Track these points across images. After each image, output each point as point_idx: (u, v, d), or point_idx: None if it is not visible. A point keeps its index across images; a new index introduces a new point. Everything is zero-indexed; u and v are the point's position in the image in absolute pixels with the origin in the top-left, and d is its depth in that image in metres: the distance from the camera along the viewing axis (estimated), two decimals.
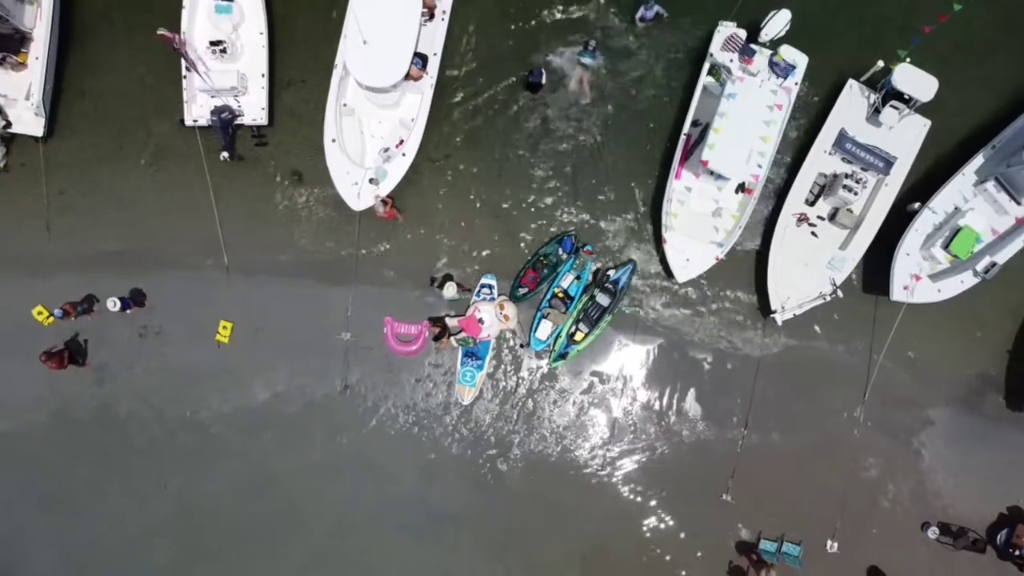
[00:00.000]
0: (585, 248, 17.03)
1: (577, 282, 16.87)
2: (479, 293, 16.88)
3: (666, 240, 16.33)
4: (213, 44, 16.50)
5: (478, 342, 16.46)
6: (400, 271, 17.23)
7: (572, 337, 16.73)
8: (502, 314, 16.42)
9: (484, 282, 16.92)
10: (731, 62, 16.34)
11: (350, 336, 16.87)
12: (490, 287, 16.90)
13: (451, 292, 16.41)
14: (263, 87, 16.88)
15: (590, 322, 16.67)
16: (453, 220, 17.36)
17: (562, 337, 16.73)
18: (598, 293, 16.69)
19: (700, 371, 17.22)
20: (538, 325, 16.80)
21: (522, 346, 17.10)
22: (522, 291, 16.84)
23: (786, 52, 16.28)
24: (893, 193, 16.51)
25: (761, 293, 16.78)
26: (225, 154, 16.74)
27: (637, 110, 17.62)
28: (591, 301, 16.70)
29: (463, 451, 16.99)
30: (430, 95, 16.67)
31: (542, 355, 17.09)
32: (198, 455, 16.92)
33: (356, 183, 16.10)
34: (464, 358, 16.78)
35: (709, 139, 15.77)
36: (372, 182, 16.06)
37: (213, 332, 16.81)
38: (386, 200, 16.21)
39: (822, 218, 16.74)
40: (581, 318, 16.68)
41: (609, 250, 17.40)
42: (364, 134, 16.97)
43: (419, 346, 16.67)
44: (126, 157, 17.41)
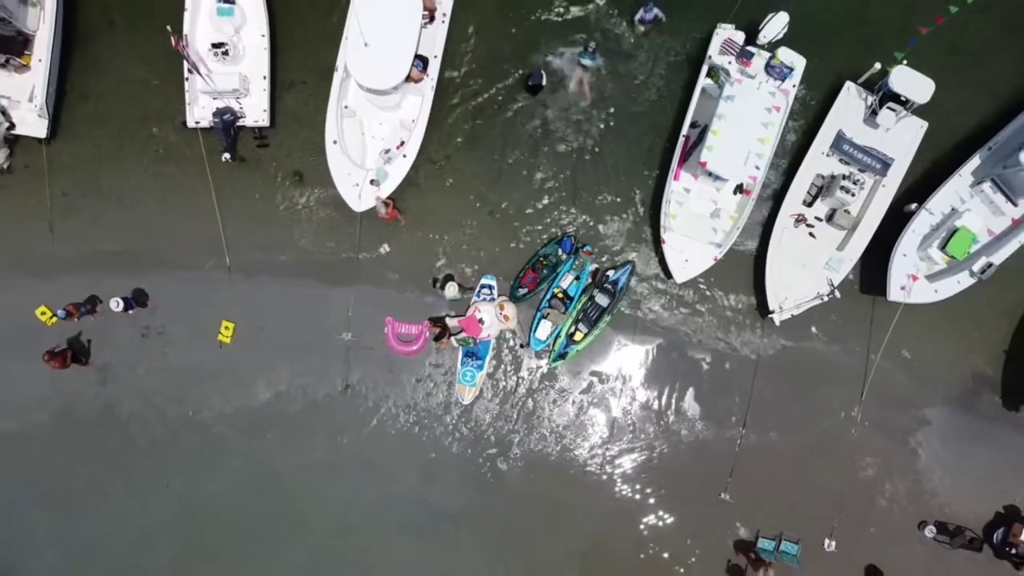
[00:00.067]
0: (584, 249, 17.10)
1: (576, 282, 16.92)
2: (479, 293, 16.94)
3: (665, 241, 16.39)
4: (215, 46, 16.57)
5: (478, 342, 16.53)
6: (401, 272, 17.28)
7: (572, 337, 16.79)
8: (502, 314, 16.49)
9: (484, 282, 16.99)
10: (729, 64, 16.39)
11: (351, 336, 16.93)
12: (490, 287, 16.96)
13: (452, 292, 16.49)
14: (265, 89, 16.93)
15: (589, 322, 16.73)
16: (453, 221, 17.42)
17: (562, 337, 16.79)
18: (597, 293, 16.75)
19: (699, 371, 17.28)
20: (538, 325, 16.86)
21: (522, 346, 17.17)
22: (522, 291, 16.90)
23: (784, 54, 16.31)
24: (890, 194, 16.56)
25: (759, 293, 16.82)
26: (227, 155, 16.79)
27: (636, 112, 17.68)
28: (590, 301, 16.77)
29: (463, 450, 17.06)
30: (431, 97, 16.74)
31: (542, 355, 17.15)
32: (200, 455, 16.96)
33: (357, 184, 16.17)
34: (464, 358, 16.84)
35: (707, 141, 15.84)
36: (373, 183, 16.13)
37: (215, 332, 16.86)
38: (387, 201, 16.29)
39: (820, 219, 16.76)
40: (580, 318, 16.74)
41: (608, 251, 17.47)
42: (365, 135, 17.04)
43: (420, 346, 16.73)
44: (128, 158, 17.47)
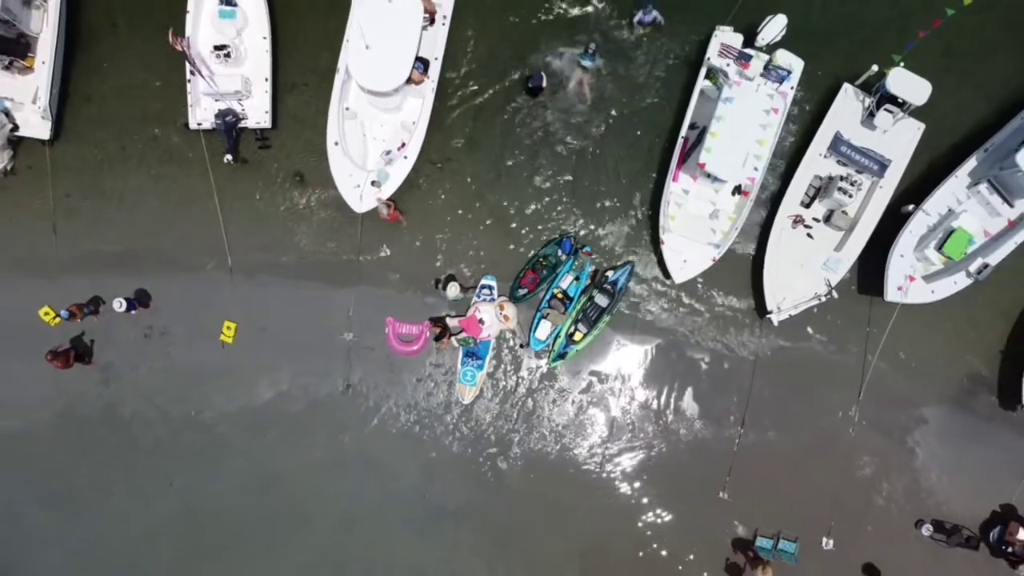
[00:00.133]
0: (584, 249, 17.18)
1: (576, 283, 17.01)
2: (479, 294, 17.02)
3: (663, 241, 16.47)
4: (217, 49, 16.62)
5: (478, 342, 16.60)
6: (401, 272, 17.37)
7: (571, 337, 16.88)
8: (502, 314, 16.56)
9: (484, 283, 17.07)
10: (728, 66, 16.47)
11: (352, 336, 16.99)
12: (490, 288, 17.04)
13: (454, 292, 16.59)
14: (266, 91, 16.99)
15: (589, 322, 16.82)
16: (454, 222, 17.51)
17: (561, 337, 16.88)
18: (597, 294, 16.83)
19: (697, 371, 17.37)
20: (537, 325, 16.96)
21: (522, 346, 17.26)
22: (522, 292, 16.99)
23: (782, 57, 16.39)
24: (887, 195, 16.63)
25: (757, 294, 16.93)
26: (229, 157, 16.85)
27: (635, 113, 17.76)
28: (590, 302, 16.85)
29: (464, 449, 17.15)
30: (431, 99, 16.81)
31: (541, 355, 17.25)
32: (203, 454, 17.04)
33: (358, 185, 16.24)
34: (465, 358, 16.93)
35: (706, 142, 15.94)
36: (374, 184, 16.21)
37: (217, 332, 16.92)
38: (389, 203, 16.38)
39: (817, 220, 16.84)
40: (580, 318, 16.83)
41: (607, 251, 17.56)
42: (366, 137, 17.11)
43: (420, 346, 16.78)
44: (131, 160, 17.53)
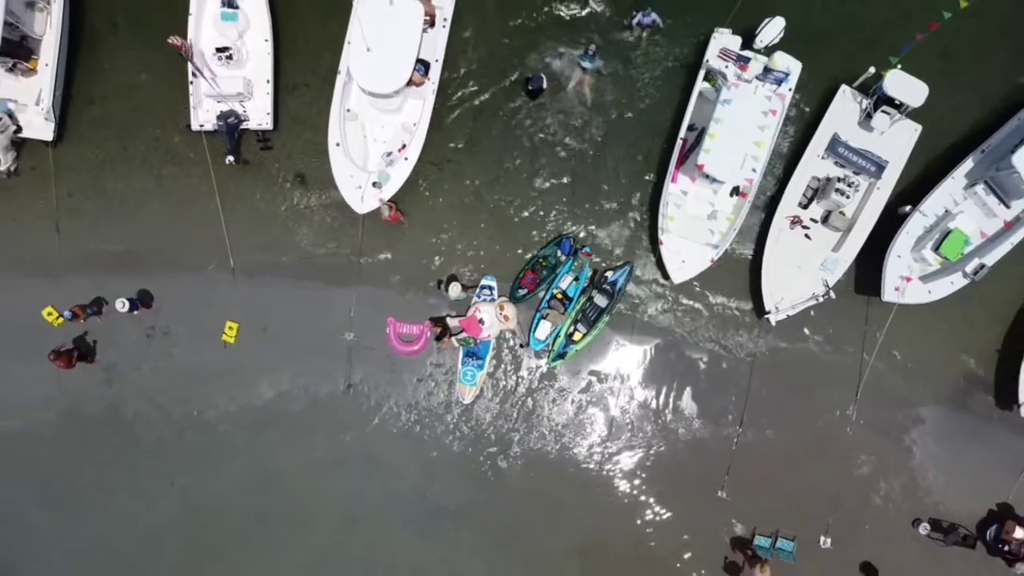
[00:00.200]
0: (583, 250, 17.28)
1: (575, 283, 17.10)
2: (479, 294, 17.12)
3: (662, 242, 16.57)
4: (219, 51, 16.73)
5: (479, 342, 16.68)
6: (402, 273, 17.47)
7: (571, 337, 16.98)
8: (502, 315, 16.63)
9: (484, 283, 17.16)
10: (726, 68, 16.57)
11: (353, 336, 17.07)
12: (490, 288, 17.14)
13: (456, 292, 16.68)
14: (268, 92, 17.08)
15: (588, 322, 16.92)
16: (454, 222, 17.60)
17: (561, 337, 16.98)
18: (596, 294, 16.94)
19: (696, 370, 17.47)
20: (537, 325, 17.06)
21: (522, 346, 17.36)
22: (521, 292, 17.09)
23: (780, 59, 16.49)
24: (885, 196, 16.75)
25: (755, 294, 17.03)
26: (231, 158, 16.94)
27: (635, 114, 17.87)
28: (589, 302, 16.96)
29: (464, 448, 17.25)
30: (432, 100, 16.92)
31: (541, 355, 17.35)
32: (205, 454, 17.13)
33: (359, 186, 16.34)
34: (465, 358, 17.02)
35: (705, 144, 16.05)
36: (375, 185, 16.32)
37: (219, 332, 17.03)
38: (390, 204, 16.47)
39: (815, 220, 16.94)
40: (579, 318, 16.94)
41: (607, 252, 17.66)
42: (367, 138, 17.22)
43: (421, 346, 16.82)
44: (133, 161, 17.63)
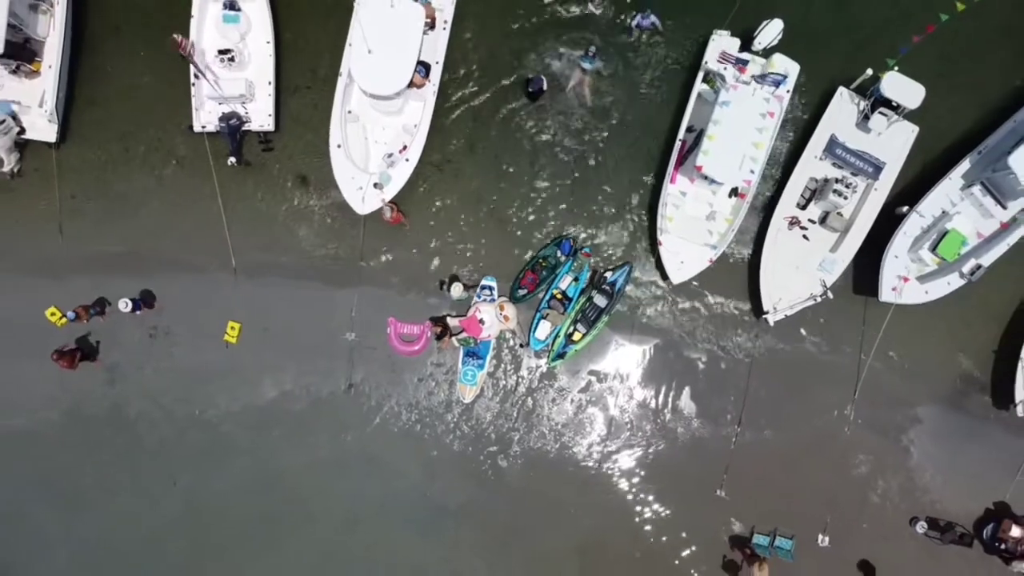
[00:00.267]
0: (583, 250, 17.40)
1: (575, 283, 17.20)
2: (480, 294, 17.21)
3: (661, 242, 16.68)
4: (221, 53, 16.85)
5: (479, 342, 16.77)
6: (403, 273, 17.57)
7: (570, 337, 17.08)
8: (502, 315, 16.72)
9: (484, 284, 17.26)
10: (725, 70, 16.70)
11: (354, 336, 17.17)
12: (490, 288, 17.23)
13: (458, 292, 16.78)
14: (270, 94, 17.21)
15: (588, 322, 17.02)
16: (454, 223, 17.71)
17: (560, 337, 17.08)
18: (595, 294, 17.04)
19: (694, 370, 17.57)
20: (537, 325, 17.16)
21: (522, 346, 17.46)
22: (521, 292, 17.19)
23: (778, 61, 16.58)
24: (882, 197, 16.87)
25: (753, 294, 17.12)
26: (232, 159, 17.04)
27: (634, 116, 17.99)
28: (588, 302, 17.06)
29: (464, 448, 17.34)
30: (432, 102, 17.05)
31: (541, 355, 17.45)
32: (207, 453, 17.21)
33: (361, 188, 16.46)
34: (465, 357, 17.12)
35: (703, 145, 16.16)
36: (376, 187, 16.43)
37: (221, 332, 17.13)
38: (392, 205, 16.56)
39: (813, 221, 17.06)
40: (579, 319, 17.04)
41: (606, 252, 17.76)
42: (368, 140, 17.31)
43: (422, 346, 16.94)
44: (136, 162, 17.73)
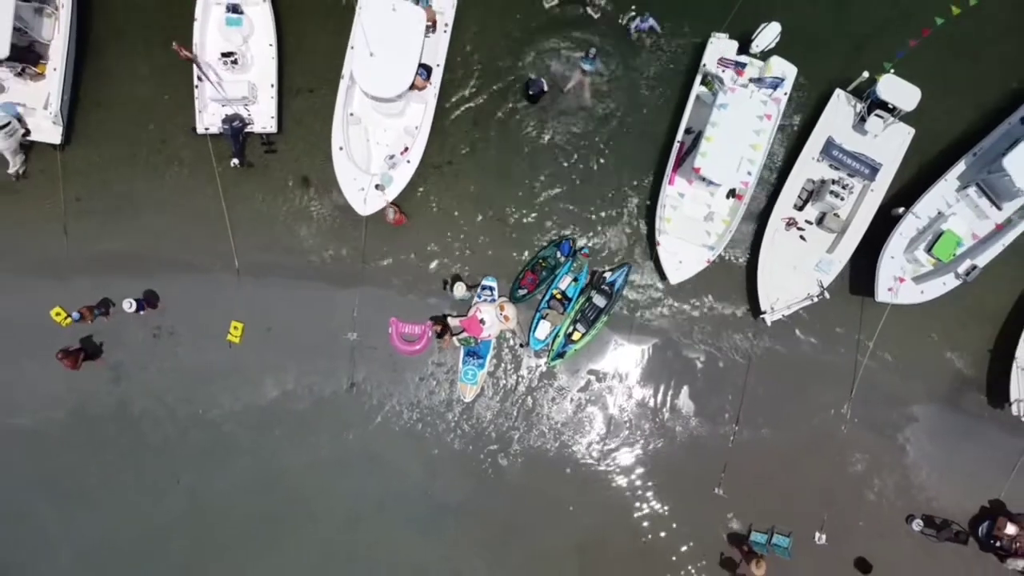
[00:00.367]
0: (582, 251, 17.53)
1: (575, 284, 17.35)
2: (480, 294, 17.35)
3: (659, 243, 16.82)
4: (224, 55, 16.93)
5: (479, 341, 16.85)
6: (404, 273, 17.69)
7: (570, 337, 17.22)
8: (502, 315, 16.78)
9: (485, 284, 17.39)
10: (723, 72, 16.88)
11: (356, 336, 17.27)
12: (491, 288, 17.37)
13: (460, 291, 16.90)
14: (272, 96, 17.31)
15: (587, 322, 17.16)
16: (455, 224, 17.84)
17: (560, 337, 17.22)
18: (595, 294, 17.18)
19: (693, 370, 17.71)
20: (537, 325, 17.30)
21: (522, 346, 17.60)
22: (521, 292, 17.33)
23: (776, 64, 16.80)
24: (878, 198, 17.03)
25: (751, 295, 17.29)
26: (235, 161, 17.18)
27: (633, 118, 18.14)
28: (588, 302, 17.20)
29: (465, 446, 17.47)
30: (433, 104, 17.19)
31: (541, 354, 17.59)
32: (210, 452, 17.30)
33: (363, 189, 16.60)
34: (466, 357, 17.23)
35: (701, 147, 16.28)
36: (378, 188, 16.57)
37: (224, 332, 17.22)
38: (394, 206, 16.67)
39: (810, 222, 17.22)
40: (578, 318, 17.18)
41: (605, 253, 17.91)
42: (370, 142, 17.43)
43: (423, 346, 17.04)
44: (139, 164, 17.82)
